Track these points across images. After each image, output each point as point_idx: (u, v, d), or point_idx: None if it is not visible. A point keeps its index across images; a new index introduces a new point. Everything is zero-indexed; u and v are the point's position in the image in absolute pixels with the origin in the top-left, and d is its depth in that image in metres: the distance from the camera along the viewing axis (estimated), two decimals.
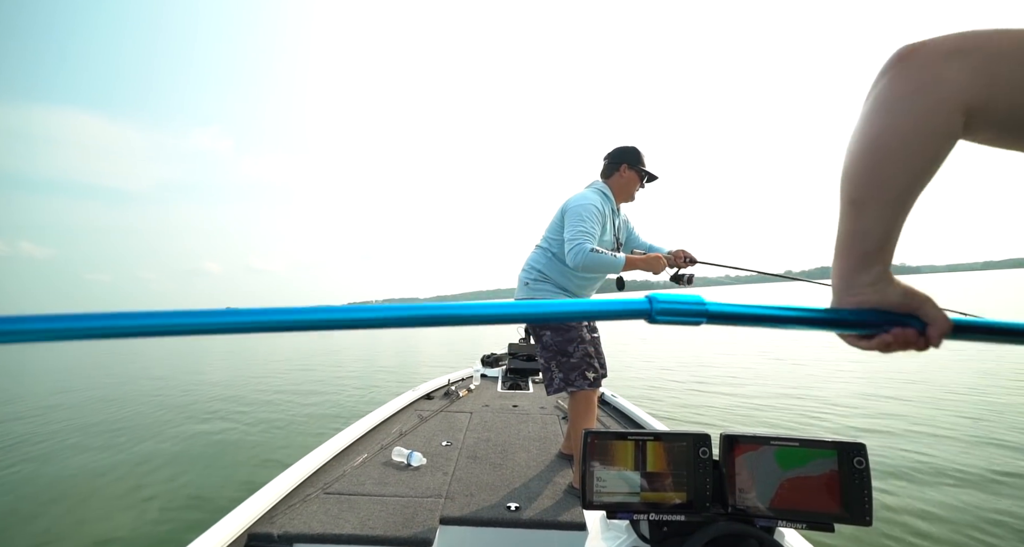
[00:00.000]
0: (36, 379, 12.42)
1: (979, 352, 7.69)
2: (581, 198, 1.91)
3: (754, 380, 6.71)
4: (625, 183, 1.99)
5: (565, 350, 1.95)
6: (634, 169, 1.97)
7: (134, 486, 3.69)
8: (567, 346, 1.94)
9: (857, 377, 6.70)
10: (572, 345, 1.94)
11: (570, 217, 1.87)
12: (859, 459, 0.72)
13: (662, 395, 5.89)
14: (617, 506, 0.78)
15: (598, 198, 1.92)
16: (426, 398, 3.51)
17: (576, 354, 1.94)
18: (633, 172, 1.98)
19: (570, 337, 1.95)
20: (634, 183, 2.00)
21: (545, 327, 1.98)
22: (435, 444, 2.45)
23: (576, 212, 1.86)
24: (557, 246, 1.96)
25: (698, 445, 0.78)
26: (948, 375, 6.36)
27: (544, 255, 2.02)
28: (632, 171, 1.98)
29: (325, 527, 1.54)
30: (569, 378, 1.92)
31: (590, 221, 1.83)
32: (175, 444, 4.89)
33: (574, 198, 1.94)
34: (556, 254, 1.98)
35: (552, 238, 1.99)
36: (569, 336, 1.95)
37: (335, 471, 2.04)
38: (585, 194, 1.94)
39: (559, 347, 1.95)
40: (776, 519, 0.75)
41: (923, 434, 4.03)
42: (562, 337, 1.96)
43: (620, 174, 1.99)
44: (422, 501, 1.76)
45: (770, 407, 5.23)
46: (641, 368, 8.38)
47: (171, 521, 3.01)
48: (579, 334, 1.96)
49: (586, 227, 1.81)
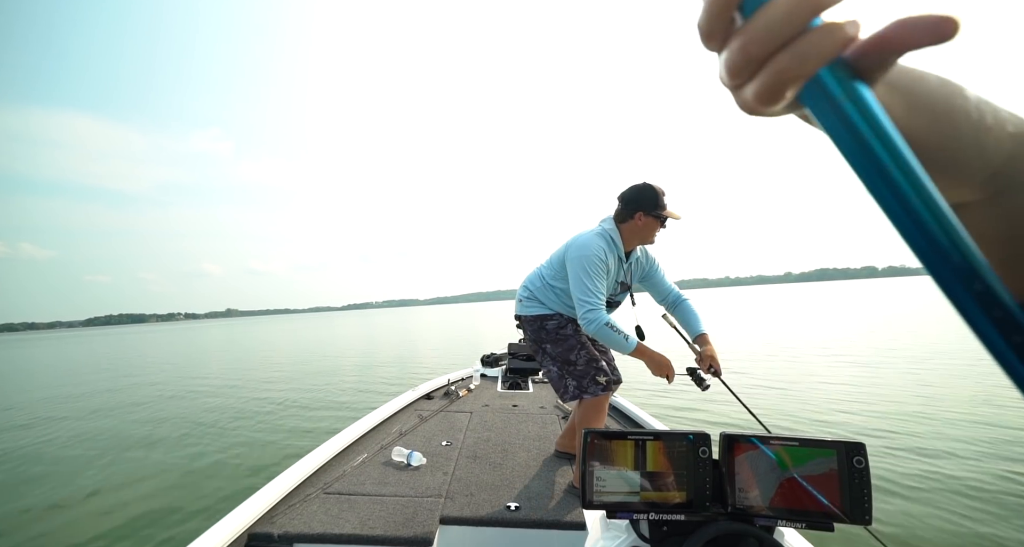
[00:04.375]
0: (36, 379, 12.42)
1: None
2: (584, 247, 1.78)
3: (754, 379, 6.72)
4: (641, 229, 1.81)
5: (568, 359, 1.94)
6: (652, 215, 1.77)
7: (135, 486, 3.69)
8: (569, 355, 1.94)
9: (857, 376, 6.71)
10: (574, 353, 1.94)
11: (573, 269, 1.78)
12: (859, 458, 0.72)
13: (662, 397, 5.90)
14: (617, 506, 0.78)
15: (603, 247, 1.79)
16: (426, 398, 3.51)
17: (580, 361, 1.92)
18: (651, 218, 1.78)
19: (570, 345, 1.95)
20: (652, 228, 1.80)
21: (545, 341, 1.99)
22: (435, 444, 2.45)
23: (579, 264, 1.75)
24: (550, 275, 1.98)
25: (698, 445, 0.78)
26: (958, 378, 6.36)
27: (540, 280, 2.03)
28: (649, 217, 1.78)
29: (325, 527, 1.54)
30: (582, 385, 1.90)
31: (596, 277, 1.74)
32: (176, 444, 4.89)
33: (577, 243, 1.83)
34: (551, 284, 1.98)
35: (550, 267, 1.99)
36: (568, 344, 1.95)
37: (335, 471, 2.04)
38: (589, 242, 1.79)
39: (563, 357, 1.95)
40: (776, 518, 0.75)
41: (925, 433, 4.03)
42: (563, 346, 1.96)
43: (635, 221, 1.79)
44: (422, 501, 1.76)
45: (771, 406, 5.23)
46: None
47: (171, 521, 3.01)
48: (578, 341, 1.96)
49: (593, 285, 1.73)
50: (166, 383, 9.71)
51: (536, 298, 2.02)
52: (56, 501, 3.49)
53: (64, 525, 3.06)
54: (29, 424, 6.37)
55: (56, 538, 2.88)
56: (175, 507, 3.23)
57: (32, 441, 5.38)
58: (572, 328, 1.98)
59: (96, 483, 3.82)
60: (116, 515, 3.15)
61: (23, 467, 4.40)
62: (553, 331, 1.98)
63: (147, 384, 9.72)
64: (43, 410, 7.35)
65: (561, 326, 1.98)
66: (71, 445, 5.10)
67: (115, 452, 4.71)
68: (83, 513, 3.23)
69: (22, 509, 3.37)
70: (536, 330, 2.01)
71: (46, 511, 3.31)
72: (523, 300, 2.06)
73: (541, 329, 2.00)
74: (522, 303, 2.06)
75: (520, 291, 2.11)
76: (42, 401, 8.25)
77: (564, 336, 1.96)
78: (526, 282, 2.10)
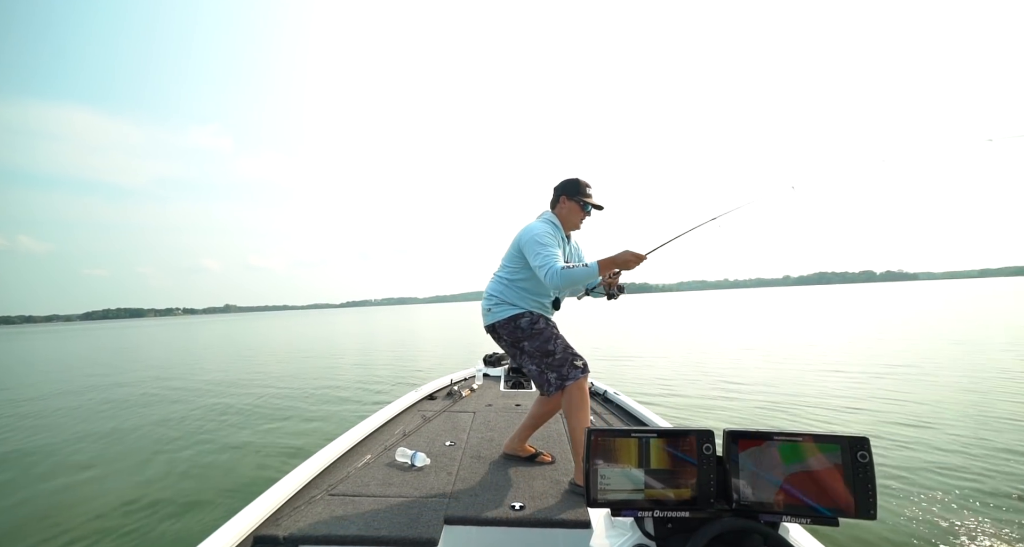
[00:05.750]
0: (33, 379, 12.44)
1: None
2: (532, 228, 2.02)
3: (754, 377, 6.71)
4: (567, 213, 2.09)
5: (547, 350, 2.01)
6: (573, 200, 2.07)
7: (139, 488, 3.70)
8: (547, 346, 2.01)
9: (859, 371, 6.70)
10: (551, 343, 2.01)
11: (529, 247, 1.96)
12: (863, 453, 0.72)
13: (663, 393, 5.90)
14: (621, 504, 0.78)
15: (547, 225, 2.04)
16: (429, 398, 3.52)
17: (558, 350, 2.00)
18: (572, 203, 2.07)
19: (545, 337, 2.03)
20: (576, 213, 2.09)
21: (521, 339, 2.06)
22: (439, 444, 2.45)
23: (533, 240, 1.95)
24: (508, 272, 2.10)
25: (702, 442, 0.78)
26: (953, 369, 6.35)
27: (500, 283, 2.13)
28: (571, 202, 2.07)
29: (330, 528, 1.55)
30: (562, 373, 1.97)
31: (550, 245, 1.93)
32: (177, 445, 4.89)
33: (526, 229, 2.04)
34: (512, 280, 2.09)
35: (507, 265, 2.12)
36: (544, 337, 2.03)
37: (339, 472, 2.05)
38: (535, 224, 2.05)
39: (541, 350, 2.02)
40: (781, 514, 0.75)
41: (927, 428, 4.03)
42: (539, 340, 2.03)
43: (561, 205, 2.10)
44: (427, 501, 1.76)
45: (772, 403, 5.23)
46: (641, 368, 8.38)
47: (176, 524, 3.02)
48: (552, 332, 2.05)
49: (549, 250, 1.91)
50: (165, 383, 9.72)
51: (505, 301, 2.10)
52: (56, 501, 3.49)
53: (64, 525, 3.07)
54: (28, 424, 6.38)
55: (57, 539, 2.89)
56: (180, 510, 3.23)
57: (32, 442, 5.39)
58: (544, 322, 2.08)
59: (97, 484, 3.83)
60: (119, 517, 3.15)
61: (24, 466, 4.41)
62: (528, 327, 2.05)
63: (148, 383, 9.73)
64: (42, 409, 7.36)
65: (534, 321, 2.06)
66: (71, 445, 5.11)
67: (115, 452, 4.72)
68: (85, 514, 3.23)
69: (22, 508, 3.38)
70: (512, 331, 2.08)
71: (46, 512, 3.32)
72: (492, 309, 2.12)
73: (516, 328, 2.07)
74: (491, 312, 2.12)
75: (484, 303, 2.17)
76: (38, 399, 8.26)
77: (539, 330, 2.04)
78: (488, 292, 2.17)
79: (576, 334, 14.18)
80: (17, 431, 6.04)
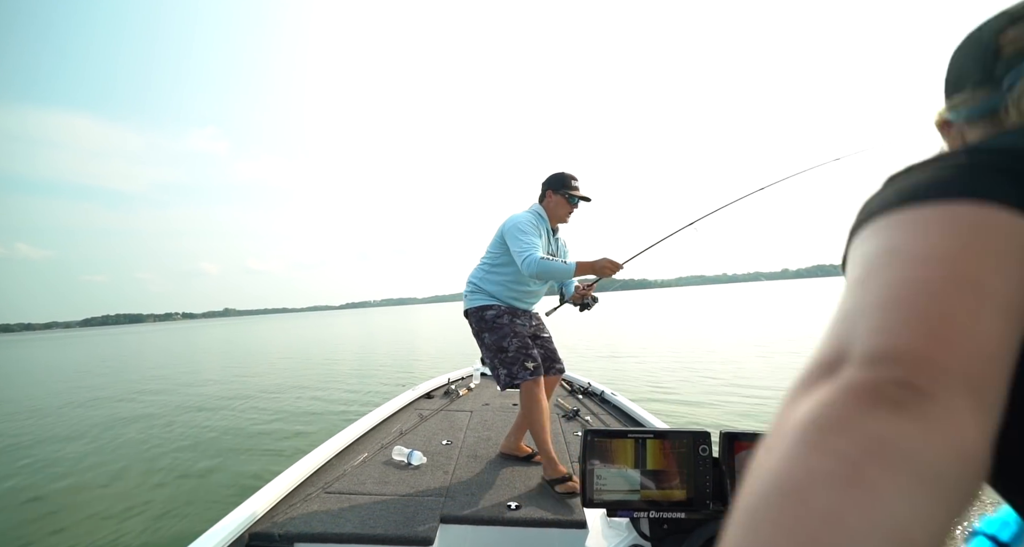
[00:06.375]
0: (33, 379, 12.40)
1: None
2: (517, 217, 2.08)
3: (754, 376, 6.72)
4: (554, 207, 2.14)
5: (502, 346, 2.04)
6: (558, 193, 2.12)
7: (139, 488, 3.69)
8: (503, 342, 2.04)
9: None
10: (507, 340, 2.04)
11: (510, 234, 2.01)
12: None
13: (663, 395, 5.91)
14: (617, 504, 0.78)
15: (532, 216, 2.09)
16: (426, 397, 3.51)
17: (511, 348, 2.03)
18: (558, 196, 2.12)
19: (503, 333, 2.06)
20: (562, 206, 2.13)
21: (483, 330, 2.10)
22: (435, 443, 2.45)
23: (515, 228, 2.01)
24: (491, 257, 2.15)
25: (698, 443, 0.78)
26: None
27: (481, 270, 2.18)
28: (557, 195, 2.12)
29: (326, 526, 1.54)
30: (512, 372, 2.00)
31: (530, 234, 1.99)
32: (176, 445, 4.89)
33: (511, 218, 2.09)
34: (493, 265, 2.13)
35: (490, 251, 2.16)
36: (503, 332, 2.06)
37: (336, 470, 2.04)
38: (519, 215, 2.11)
39: (497, 345, 2.05)
40: None
41: None
42: (497, 334, 2.06)
43: (548, 199, 2.15)
44: (423, 500, 1.76)
45: (772, 403, 5.24)
46: (642, 367, 8.38)
47: (173, 522, 3.01)
48: (512, 329, 2.08)
49: (528, 239, 1.97)
50: (166, 382, 9.70)
51: (481, 289, 2.14)
52: (56, 502, 3.49)
53: (65, 526, 3.06)
54: (28, 428, 6.36)
55: (57, 540, 2.88)
56: (175, 507, 3.23)
57: (32, 442, 5.38)
58: (508, 318, 2.10)
59: (96, 484, 3.82)
60: (117, 516, 3.15)
61: (22, 467, 4.40)
62: (491, 320, 2.08)
63: (147, 383, 9.72)
64: (41, 413, 7.35)
65: (498, 316, 2.09)
66: (71, 445, 5.10)
67: (115, 453, 4.72)
68: (84, 514, 3.23)
69: (22, 510, 3.37)
70: (478, 320, 2.12)
71: (47, 512, 3.32)
72: (468, 295, 2.18)
73: (481, 319, 2.11)
74: (467, 298, 2.18)
75: (466, 287, 2.22)
76: (38, 410, 8.25)
77: (500, 325, 2.07)
78: (469, 277, 2.22)
79: (576, 334, 14.18)
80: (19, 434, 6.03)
